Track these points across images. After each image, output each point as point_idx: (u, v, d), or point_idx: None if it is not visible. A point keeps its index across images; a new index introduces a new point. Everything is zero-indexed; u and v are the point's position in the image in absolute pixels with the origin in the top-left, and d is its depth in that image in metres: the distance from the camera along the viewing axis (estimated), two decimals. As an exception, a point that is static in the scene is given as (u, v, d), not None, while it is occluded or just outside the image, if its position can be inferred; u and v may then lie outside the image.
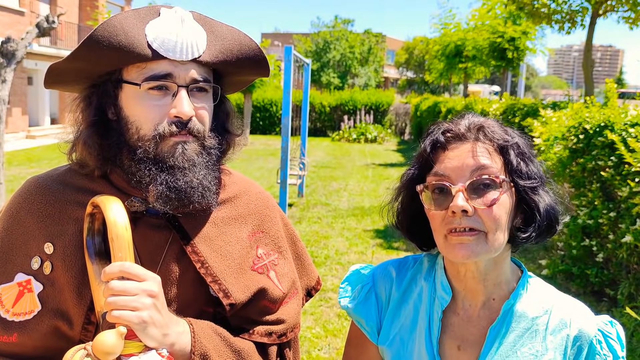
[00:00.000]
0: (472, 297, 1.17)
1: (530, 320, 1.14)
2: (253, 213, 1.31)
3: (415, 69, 49.38)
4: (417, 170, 1.16)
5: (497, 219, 1.05)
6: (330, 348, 4.30)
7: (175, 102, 1.09)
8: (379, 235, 7.71)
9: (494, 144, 1.08)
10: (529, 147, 1.13)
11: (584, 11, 10.41)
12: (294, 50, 8.07)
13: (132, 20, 1.05)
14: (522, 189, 1.07)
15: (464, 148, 1.08)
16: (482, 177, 1.05)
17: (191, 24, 1.10)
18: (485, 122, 1.13)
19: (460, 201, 1.03)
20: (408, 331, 1.20)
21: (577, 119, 5.38)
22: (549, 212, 1.10)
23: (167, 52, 1.06)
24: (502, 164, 1.08)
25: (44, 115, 22.98)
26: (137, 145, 1.10)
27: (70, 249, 1.13)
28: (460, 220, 1.05)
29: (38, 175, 1.24)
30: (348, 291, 1.30)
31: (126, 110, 1.11)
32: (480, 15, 18.41)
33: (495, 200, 1.04)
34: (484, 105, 11.45)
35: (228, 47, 1.14)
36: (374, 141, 22.45)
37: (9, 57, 6.57)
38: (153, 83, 1.08)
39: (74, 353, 0.96)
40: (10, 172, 11.72)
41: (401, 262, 1.29)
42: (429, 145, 1.13)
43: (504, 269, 1.15)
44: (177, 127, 1.09)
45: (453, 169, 1.07)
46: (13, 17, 20.00)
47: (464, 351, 1.15)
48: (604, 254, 4.95)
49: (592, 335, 1.12)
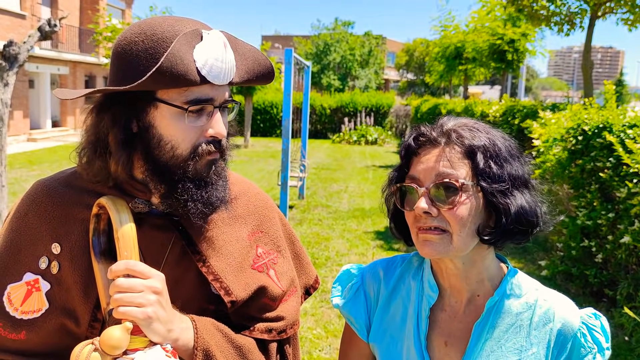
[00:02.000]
0: (457, 294, 1.21)
1: (514, 315, 1.17)
2: (252, 213, 1.35)
3: (416, 71, 49.41)
4: (397, 173, 1.21)
5: (460, 220, 1.09)
6: (331, 348, 4.33)
7: (213, 124, 1.12)
8: (380, 237, 7.74)
9: (461, 149, 1.12)
10: (509, 149, 1.15)
11: (582, 13, 10.44)
12: (295, 52, 8.10)
13: (185, 47, 1.06)
14: (490, 192, 1.10)
15: (433, 153, 1.13)
16: (444, 180, 1.09)
17: (229, 47, 1.13)
18: (459, 125, 1.15)
19: (423, 203, 1.10)
20: (397, 328, 1.24)
21: (576, 121, 5.41)
22: (520, 215, 1.11)
23: (214, 78, 1.09)
24: (469, 167, 1.11)
25: (45, 118, 23.03)
26: (169, 163, 1.12)
27: (76, 249, 1.16)
28: (425, 220, 1.11)
29: (45, 178, 1.27)
30: (339, 290, 1.34)
31: (160, 128, 1.12)
32: (479, 18, 18.44)
33: (455, 202, 1.09)
34: (484, 107, 11.48)
35: (250, 67, 1.19)
36: (375, 143, 22.48)
37: (11, 61, 6.61)
38: (197, 107, 1.10)
39: (82, 348, 0.99)
40: (11, 175, 11.75)
41: (389, 261, 1.33)
42: (403, 150, 1.19)
43: (485, 266, 1.19)
44: (214, 147, 1.14)
45: (422, 172, 1.13)
46: (14, 20, 20.06)
47: (450, 347, 1.19)
48: (603, 254, 4.98)
49: (576, 328, 1.15)
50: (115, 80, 1.12)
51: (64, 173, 1.28)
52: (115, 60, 1.13)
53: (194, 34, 1.08)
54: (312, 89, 34.28)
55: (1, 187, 6.68)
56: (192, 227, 1.20)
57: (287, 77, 8.00)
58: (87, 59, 24.09)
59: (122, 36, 1.13)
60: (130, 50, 1.09)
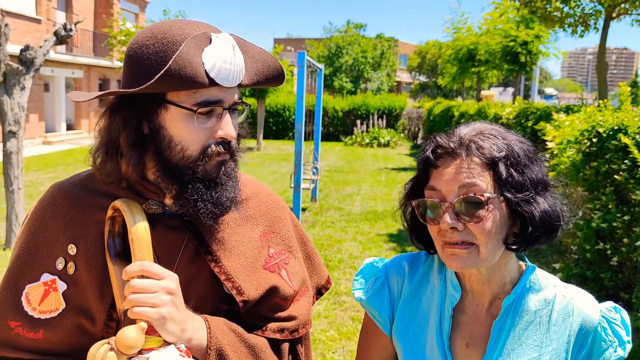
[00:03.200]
0: (479, 298, 1.21)
1: (533, 312, 1.17)
2: (264, 214, 1.36)
3: (428, 73, 49.30)
4: (414, 184, 1.20)
5: (487, 233, 1.08)
6: (344, 351, 4.33)
7: (222, 125, 1.14)
8: (393, 239, 7.73)
9: (482, 160, 1.10)
10: (527, 152, 1.13)
11: (597, 14, 10.35)
12: (307, 55, 8.12)
13: (193, 50, 1.07)
14: (514, 202, 1.09)
15: (454, 164, 1.11)
16: (469, 195, 1.08)
17: (238, 50, 1.14)
18: (477, 135, 1.13)
19: (448, 219, 1.08)
20: (420, 326, 1.24)
21: (591, 123, 5.36)
22: (545, 219, 1.11)
23: (223, 80, 1.10)
24: (491, 178, 1.09)
25: (60, 121, 23.27)
26: (179, 164, 1.14)
27: (92, 250, 1.18)
28: (452, 234, 1.10)
29: (61, 181, 1.30)
30: (362, 283, 1.34)
31: (170, 130, 1.14)
32: (492, 20, 18.35)
33: (482, 217, 1.08)
34: (497, 109, 11.43)
35: (260, 69, 1.20)
36: (387, 145, 22.45)
37: (27, 65, 6.69)
38: (206, 109, 1.12)
39: (99, 347, 1.01)
40: (27, 178, 11.88)
41: (414, 257, 1.33)
42: (421, 163, 1.17)
43: (508, 270, 1.19)
44: (223, 148, 1.15)
45: (443, 185, 1.11)
46: (30, 25, 20.30)
47: (472, 348, 1.19)
48: (619, 257, 4.93)
49: (596, 322, 1.15)
50: (127, 83, 1.14)
51: (79, 176, 1.30)
52: (127, 63, 1.15)
53: (203, 37, 1.10)
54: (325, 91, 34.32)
55: (17, 190, 6.76)
56: (205, 227, 1.22)
57: (300, 79, 8.02)
58: (101, 63, 24.33)
59: (134, 39, 1.15)
60: (141, 53, 1.12)
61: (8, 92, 6.56)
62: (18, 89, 6.64)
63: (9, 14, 17.88)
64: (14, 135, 6.64)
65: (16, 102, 6.61)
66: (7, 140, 6.62)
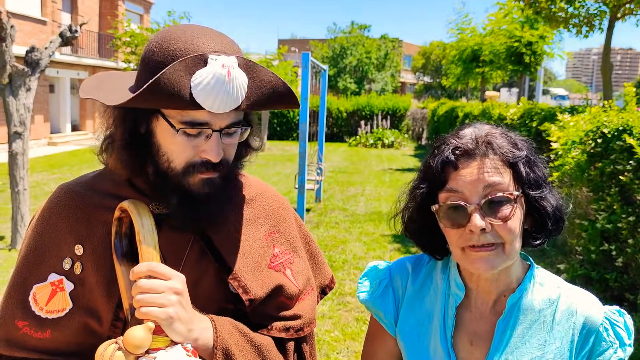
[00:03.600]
0: (485, 296, 1.21)
1: (537, 312, 1.18)
2: (269, 214, 1.37)
3: (432, 73, 49.25)
4: (428, 188, 1.18)
5: (512, 231, 1.10)
6: (349, 351, 4.33)
7: (208, 146, 1.12)
8: (397, 240, 7.73)
9: (502, 159, 1.11)
10: (532, 150, 1.17)
11: (602, 15, 10.33)
12: (311, 56, 8.13)
13: (181, 72, 1.05)
14: (533, 198, 1.12)
15: (475, 165, 1.10)
16: (497, 194, 1.08)
17: (236, 74, 1.08)
18: (491, 135, 1.14)
19: (478, 221, 1.07)
20: (424, 326, 1.25)
21: (595, 123, 5.35)
22: (556, 214, 1.15)
23: (210, 107, 1.07)
24: (511, 177, 1.11)
25: (65, 122, 23.35)
26: (166, 173, 1.15)
27: (99, 251, 1.19)
28: (478, 237, 1.09)
29: (68, 182, 1.31)
30: (366, 286, 1.35)
31: (159, 139, 1.15)
32: (497, 20, 18.32)
33: (510, 216, 1.09)
34: (501, 109, 11.41)
35: (265, 95, 1.14)
36: (391, 146, 22.44)
37: (33, 66, 6.72)
38: (190, 130, 1.10)
39: (107, 347, 1.02)
40: (32, 179, 11.92)
41: (417, 258, 1.34)
42: (439, 164, 1.14)
43: (514, 267, 1.20)
44: (206, 168, 1.15)
45: (465, 186, 1.10)
46: (35, 26, 20.37)
47: (476, 346, 1.20)
48: (624, 258, 4.92)
49: (598, 323, 1.16)
50: (134, 85, 1.16)
51: (86, 177, 1.32)
52: (139, 64, 1.17)
53: (198, 59, 1.06)
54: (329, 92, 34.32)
55: (23, 191, 6.79)
56: (211, 228, 1.22)
57: (304, 81, 8.03)
58: (106, 64, 24.39)
59: (149, 41, 1.17)
60: (147, 58, 1.13)
61: (14, 94, 6.59)
62: (23, 90, 6.67)
63: (15, 16, 17.94)
64: (19, 136, 6.67)
65: (22, 103, 6.64)
66: (12, 141, 6.65)
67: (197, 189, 1.16)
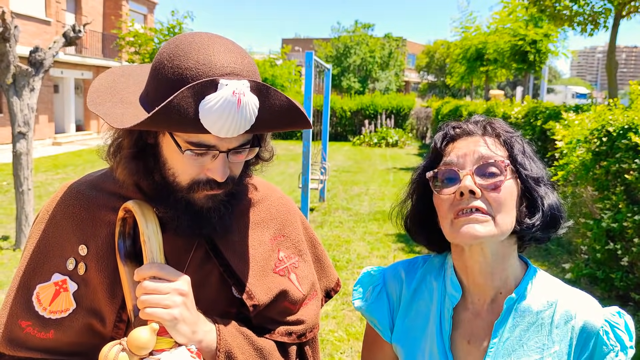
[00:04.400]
0: (481, 293, 1.20)
1: (535, 314, 1.16)
2: (275, 218, 1.36)
3: (436, 72, 49.22)
4: (428, 163, 1.24)
5: (503, 202, 1.11)
6: (352, 351, 4.32)
7: (214, 166, 1.10)
8: (401, 240, 7.72)
9: (499, 139, 1.18)
10: (533, 150, 1.22)
11: (606, 12, 10.29)
12: (315, 55, 8.13)
13: (190, 99, 1.01)
14: (526, 178, 1.15)
15: (472, 140, 1.18)
16: (488, 161, 1.12)
17: (247, 100, 1.03)
18: (492, 120, 1.23)
19: (469, 181, 1.10)
20: (419, 329, 1.24)
21: (600, 122, 5.33)
22: (553, 208, 1.16)
23: (218, 133, 1.04)
24: (506, 156, 1.16)
25: (69, 122, 23.41)
26: (171, 186, 1.14)
27: (102, 251, 1.18)
28: (468, 200, 1.10)
29: (73, 182, 1.30)
30: (360, 292, 1.34)
31: (165, 154, 1.13)
32: (501, 18, 18.29)
33: (500, 184, 1.11)
34: (506, 108, 11.38)
35: (276, 118, 1.10)
36: (395, 145, 22.42)
37: (37, 66, 6.74)
38: (196, 150, 1.08)
39: (110, 348, 1.01)
40: (37, 179, 11.96)
41: (410, 262, 1.34)
42: (440, 138, 1.23)
43: (510, 263, 1.18)
44: (210, 187, 1.13)
45: (461, 157, 1.15)
46: (40, 26, 20.43)
47: (473, 345, 1.19)
48: (629, 257, 4.90)
49: (598, 326, 1.14)
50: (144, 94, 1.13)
51: (91, 176, 1.31)
52: (151, 70, 1.13)
53: (208, 84, 1.02)
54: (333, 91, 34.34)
55: (27, 191, 6.81)
56: (215, 231, 1.22)
57: (308, 80, 8.02)
58: (110, 64, 24.44)
59: (161, 50, 1.12)
60: (157, 70, 1.09)
61: (18, 94, 6.61)
62: (27, 91, 6.68)
63: (19, 16, 18.00)
64: (23, 136, 6.68)
65: (26, 104, 6.66)
66: (16, 141, 6.67)
67: (201, 203, 1.15)
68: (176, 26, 18.73)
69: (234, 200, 1.21)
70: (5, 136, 17.57)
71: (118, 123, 1.05)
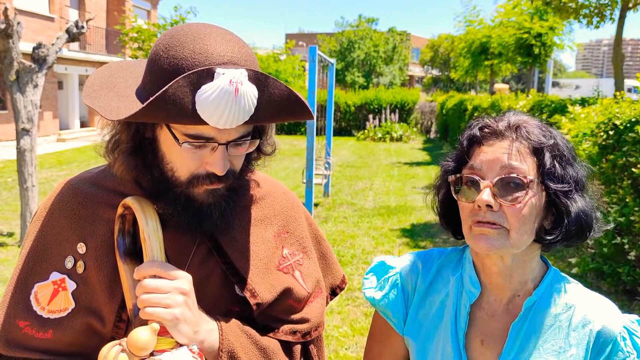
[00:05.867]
0: (498, 293, 1.17)
1: (553, 316, 1.14)
2: (278, 214, 1.33)
3: (441, 66, 49.08)
4: (454, 163, 1.19)
5: (521, 218, 1.06)
6: (357, 347, 4.31)
7: (213, 159, 1.07)
8: (405, 235, 7.69)
9: (529, 145, 1.10)
10: (570, 150, 1.13)
11: (613, 4, 10.21)
12: (319, 50, 8.09)
13: (185, 89, 0.98)
14: (553, 192, 1.08)
15: (499, 145, 1.10)
16: (510, 175, 1.07)
17: (245, 89, 1.00)
18: (525, 121, 1.14)
19: (486, 196, 1.06)
20: (433, 324, 1.21)
21: (607, 115, 5.29)
22: (580, 217, 1.10)
23: (216, 124, 1.01)
24: (535, 165, 1.09)
25: (74, 118, 23.45)
26: (170, 181, 1.11)
27: (102, 249, 1.16)
28: (485, 214, 1.07)
29: (71, 178, 1.27)
30: (373, 282, 1.30)
31: (163, 148, 1.10)
32: (505, 12, 18.20)
33: (520, 200, 1.06)
34: (511, 102, 11.32)
35: (276, 108, 1.07)
36: (400, 140, 22.37)
37: (40, 63, 6.72)
38: (194, 142, 1.05)
39: (110, 349, 0.99)
40: (41, 175, 11.98)
41: (427, 254, 1.30)
42: (466, 139, 1.16)
43: (531, 267, 1.16)
44: (210, 180, 1.10)
45: (485, 163, 1.10)
46: (43, 23, 20.44)
47: (487, 346, 1.16)
48: (636, 252, 4.86)
49: (616, 332, 1.11)
50: (140, 88, 1.11)
51: (90, 172, 1.28)
52: (147, 63, 1.11)
53: (204, 74, 0.99)
54: (337, 86, 34.28)
55: (32, 187, 6.81)
56: (217, 227, 1.19)
57: (312, 75, 7.99)
58: (114, 60, 24.40)
59: (157, 42, 1.10)
60: (153, 61, 1.07)
61: (21, 90, 6.60)
62: (31, 87, 6.67)
63: (23, 13, 18.01)
64: (27, 133, 6.68)
65: (29, 100, 6.65)
66: (20, 138, 6.66)
67: (201, 198, 1.12)
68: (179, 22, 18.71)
69: (235, 195, 1.17)
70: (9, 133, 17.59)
71: (114, 115, 1.03)
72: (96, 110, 1.05)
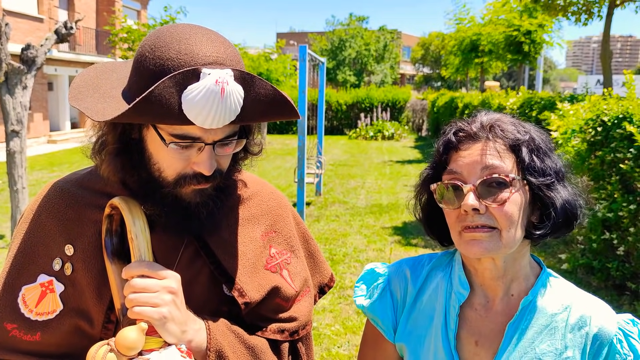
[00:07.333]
0: (490, 292, 1.17)
1: (549, 316, 1.13)
2: (266, 213, 1.34)
3: (432, 64, 49.15)
4: (433, 170, 1.18)
5: (509, 217, 1.06)
6: (349, 345, 4.32)
7: (200, 159, 1.08)
8: (397, 233, 7.71)
9: (505, 142, 1.09)
10: (546, 142, 1.13)
11: (600, 2, 10.28)
12: (309, 49, 8.10)
13: (171, 89, 0.99)
14: (536, 186, 1.08)
15: (476, 147, 1.10)
16: (492, 176, 1.06)
17: (231, 89, 1.01)
18: (498, 119, 1.14)
19: (471, 200, 1.05)
20: (424, 327, 1.20)
21: (595, 112, 5.33)
22: (566, 208, 1.10)
23: (202, 124, 1.02)
24: (514, 162, 1.09)
25: (64, 120, 23.32)
26: (158, 181, 1.12)
27: (89, 251, 1.16)
28: (472, 218, 1.07)
29: (58, 180, 1.27)
30: (363, 290, 1.30)
31: (150, 149, 1.11)
32: (495, 10, 18.26)
33: (506, 199, 1.06)
34: (501, 99, 11.37)
35: (262, 107, 1.08)
36: (391, 138, 22.40)
37: (29, 64, 6.69)
38: (181, 142, 1.06)
39: (98, 348, 0.99)
40: (32, 177, 11.91)
41: (416, 260, 1.29)
42: (442, 145, 1.15)
43: (522, 264, 1.16)
44: (197, 180, 1.10)
45: (464, 167, 1.09)
46: (32, 24, 20.30)
47: (481, 347, 1.15)
48: (625, 247, 4.90)
49: (612, 333, 1.11)
50: (127, 89, 1.11)
51: (77, 174, 1.28)
52: (133, 64, 1.11)
53: (190, 74, 0.99)
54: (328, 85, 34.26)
55: (22, 189, 6.77)
56: (204, 227, 1.20)
57: (302, 74, 8.00)
58: (104, 60, 24.29)
59: (143, 43, 1.10)
60: (139, 62, 1.07)
61: (10, 92, 6.56)
62: (20, 88, 6.63)
63: (11, 14, 17.89)
64: (16, 134, 6.64)
65: (18, 102, 6.61)
66: (10, 139, 6.63)
67: (189, 198, 1.13)
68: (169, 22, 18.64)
69: (222, 195, 1.18)
70: (-1, 135, 17.49)
71: (100, 116, 1.03)
72: (82, 111, 1.06)
